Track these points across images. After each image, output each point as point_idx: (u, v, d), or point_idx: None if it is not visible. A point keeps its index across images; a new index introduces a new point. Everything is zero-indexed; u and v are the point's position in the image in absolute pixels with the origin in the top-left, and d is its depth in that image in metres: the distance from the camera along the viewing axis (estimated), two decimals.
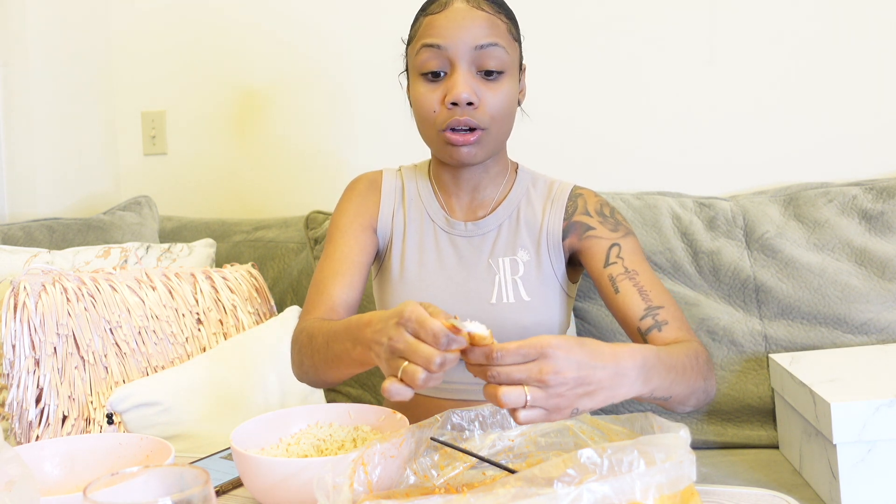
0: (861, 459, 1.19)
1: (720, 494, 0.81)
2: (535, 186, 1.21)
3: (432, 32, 1.09)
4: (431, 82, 1.10)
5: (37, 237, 1.68)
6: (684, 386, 0.93)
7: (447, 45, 1.08)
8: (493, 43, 1.08)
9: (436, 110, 1.09)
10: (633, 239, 1.15)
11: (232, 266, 1.61)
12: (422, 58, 1.10)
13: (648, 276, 1.11)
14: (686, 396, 0.95)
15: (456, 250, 1.17)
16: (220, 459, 0.98)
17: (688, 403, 0.97)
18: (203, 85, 2.13)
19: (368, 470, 0.71)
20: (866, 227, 1.56)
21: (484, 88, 1.09)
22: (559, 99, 1.85)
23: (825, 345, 1.52)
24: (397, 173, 1.25)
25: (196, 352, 1.46)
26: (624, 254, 1.12)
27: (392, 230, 1.20)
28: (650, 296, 1.08)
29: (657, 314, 1.06)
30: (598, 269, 1.13)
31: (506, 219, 1.18)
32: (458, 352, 0.77)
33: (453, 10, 1.09)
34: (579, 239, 1.16)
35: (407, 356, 0.77)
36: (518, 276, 1.15)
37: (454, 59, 1.08)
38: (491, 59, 1.08)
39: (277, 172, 2.09)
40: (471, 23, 1.08)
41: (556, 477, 0.59)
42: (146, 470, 0.57)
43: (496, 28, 1.09)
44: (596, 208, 1.18)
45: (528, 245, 1.16)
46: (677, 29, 1.80)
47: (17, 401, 1.31)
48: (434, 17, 1.10)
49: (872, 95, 1.72)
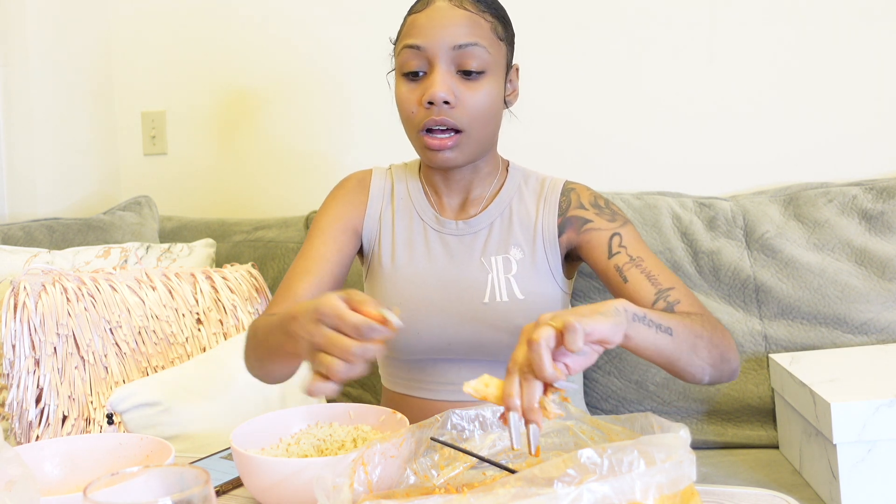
0: (861, 459, 1.19)
1: (720, 494, 0.81)
2: (526, 183, 1.21)
3: (413, 32, 1.09)
4: (412, 82, 1.10)
5: (37, 237, 1.68)
6: (684, 329, 0.91)
7: (426, 45, 1.07)
8: (473, 42, 1.07)
9: (414, 111, 1.09)
10: (631, 226, 1.15)
11: (232, 266, 1.61)
12: (402, 58, 1.10)
13: (653, 261, 1.11)
14: (692, 341, 0.93)
15: (447, 249, 1.17)
16: (220, 459, 0.98)
17: (700, 353, 0.94)
18: (203, 85, 2.13)
19: (368, 470, 0.71)
20: (866, 227, 1.56)
21: (463, 88, 1.08)
22: (559, 99, 1.85)
23: (825, 345, 1.52)
24: (387, 172, 1.25)
25: (196, 352, 1.46)
26: (626, 242, 1.12)
27: (380, 229, 1.20)
28: (659, 279, 1.08)
29: (668, 295, 1.06)
30: (602, 260, 1.12)
31: (497, 217, 1.17)
32: (381, 342, 0.76)
33: (434, 8, 1.09)
34: (577, 233, 1.15)
35: (326, 350, 0.77)
36: (511, 274, 1.14)
37: (432, 59, 1.07)
38: (471, 58, 1.07)
39: (277, 172, 2.09)
40: (450, 22, 1.07)
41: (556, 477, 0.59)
42: (146, 470, 0.57)
43: (477, 27, 1.08)
44: (590, 200, 1.17)
45: (521, 243, 1.16)
46: (677, 29, 1.80)
47: (17, 401, 1.31)
48: (416, 16, 1.10)
49: (872, 95, 1.72)
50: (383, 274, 1.18)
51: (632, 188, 1.77)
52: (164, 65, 2.15)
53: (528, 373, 0.74)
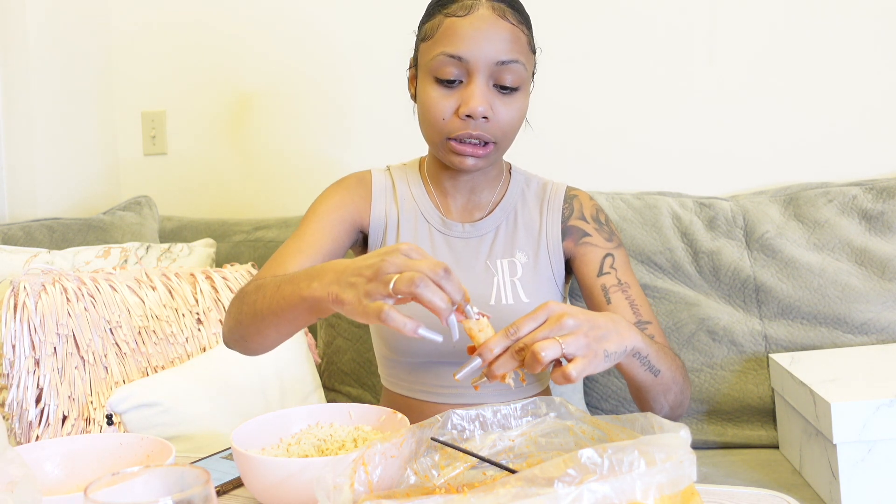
0: (861, 459, 1.19)
1: (720, 494, 0.81)
2: (528, 187, 1.22)
3: (454, 40, 1.05)
4: (445, 88, 1.07)
5: (37, 237, 1.68)
6: (668, 373, 0.96)
7: (469, 57, 1.04)
8: (515, 60, 1.05)
9: (446, 118, 1.07)
10: (624, 250, 1.17)
11: (232, 266, 1.61)
12: (439, 62, 1.06)
13: (638, 291, 1.13)
14: (668, 385, 0.98)
15: (452, 251, 1.17)
16: (221, 459, 0.98)
17: (668, 396, 1.00)
18: (203, 85, 2.13)
19: (369, 470, 0.71)
20: (866, 227, 1.57)
21: (498, 102, 1.06)
22: (558, 99, 1.85)
23: (825, 345, 1.52)
24: (386, 172, 1.24)
25: (196, 352, 1.46)
26: (617, 265, 1.14)
27: (385, 228, 1.19)
28: (640, 311, 1.10)
29: (645, 328, 1.09)
30: (590, 277, 1.14)
31: (503, 220, 1.18)
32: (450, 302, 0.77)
33: (478, 17, 1.05)
34: (575, 244, 1.17)
35: (405, 269, 0.77)
36: (516, 277, 1.14)
37: (473, 71, 1.05)
38: (510, 74, 1.05)
39: (277, 172, 2.09)
40: (494, 34, 1.04)
41: (556, 477, 0.59)
42: (147, 470, 0.57)
43: (518, 42, 1.06)
44: (592, 214, 1.19)
45: (526, 247, 1.16)
46: (677, 29, 1.80)
47: (17, 401, 1.31)
48: (457, 21, 1.06)
49: (872, 96, 1.72)
50: None
51: (632, 188, 1.77)
52: (164, 65, 2.15)
53: (518, 349, 0.79)
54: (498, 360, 0.80)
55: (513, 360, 0.80)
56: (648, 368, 0.92)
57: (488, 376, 0.81)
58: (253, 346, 1.01)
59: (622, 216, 1.64)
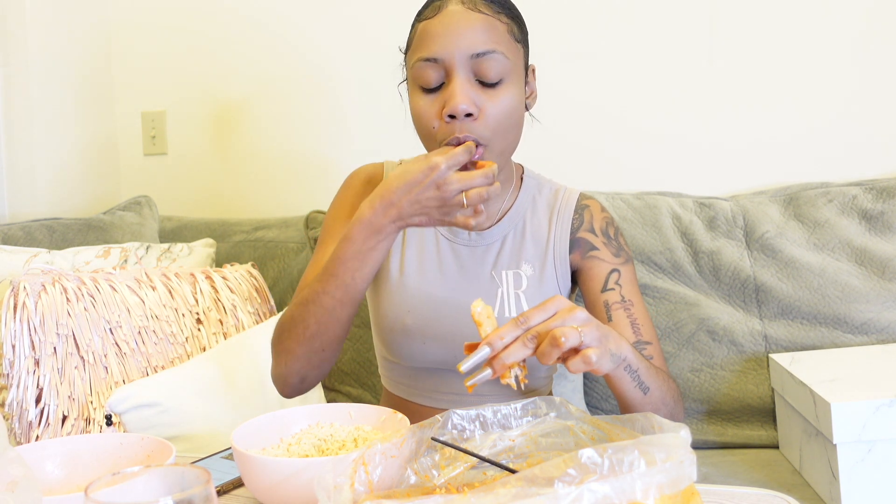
0: (861, 459, 1.19)
1: (720, 494, 0.81)
2: (540, 193, 1.19)
3: (427, 42, 1.02)
4: (430, 94, 1.03)
5: (37, 237, 1.68)
6: (657, 392, 0.95)
7: (442, 56, 1.00)
8: (492, 50, 1.00)
9: (435, 126, 1.02)
10: (632, 267, 1.14)
11: (232, 266, 1.61)
12: (417, 71, 1.03)
13: (641, 309, 1.10)
14: (657, 406, 0.96)
15: (458, 259, 1.14)
16: (221, 459, 0.98)
17: None
18: (203, 85, 2.13)
19: (369, 470, 0.71)
20: (866, 227, 1.57)
21: (484, 98, 1.01)
22: (559, 99, 1.85)
23: (825, 345, 1.52)
24: (398, 167, 1.23)
25: (196, 352, 1.46)
26: (622, 281, 1.11)
27: None
28: (641, 330, 1.08)
29: (644, 349, 1.07)
30: (594, 291, 1.12)
31: (511, 230, 1.15)
32: None
33: (447, 13, 1.01)
34: (582, 257, 1.14)
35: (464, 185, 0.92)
36: (521, 290, 1.12)
37: (450, 69, 1.00)
38: (490, 67, 1.00)
39: (277, 172, 2.09)
40: (466, 27, 1.00)
41: (556, 477, 0.59)
42: (147, 470, 0.57)
43: (495, 32, 1.01)
44: (601, 227, 1.16)
45: (532, 259, 1.14)
46: (677, 29, 1.80)
47: (16, 401, 1.31)
48: (428, 22, 1.03)
49: (873, 96, 1.72)
50: (392, 280, 1.15)
51: (632, 188, 1.77)
52: (164, 65, 2.15)
53: (526, 338, 0.79)
54: (508, 348, 0.79)
55: (524, 348, 0.78)
56: (638, 384, 0.91)
57: (494, 367, 0.79)
58: (315, 371, 1.07)
59: (622, 216, 1.64)
